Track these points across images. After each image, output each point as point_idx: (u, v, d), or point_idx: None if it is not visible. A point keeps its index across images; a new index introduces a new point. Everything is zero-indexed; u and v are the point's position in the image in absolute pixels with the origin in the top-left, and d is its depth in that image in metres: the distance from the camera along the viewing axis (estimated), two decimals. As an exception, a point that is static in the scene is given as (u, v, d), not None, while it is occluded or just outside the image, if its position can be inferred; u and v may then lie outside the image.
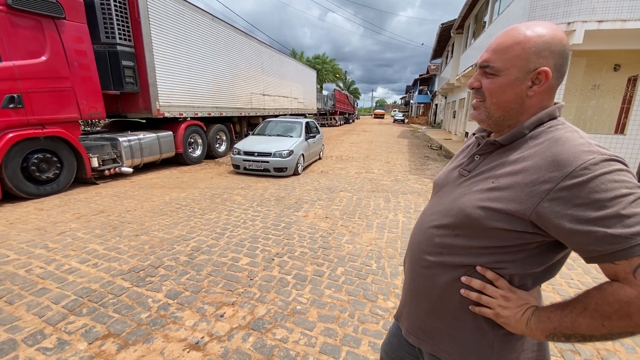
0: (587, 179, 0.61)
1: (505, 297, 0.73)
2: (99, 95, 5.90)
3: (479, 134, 0.90)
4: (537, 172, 0.67)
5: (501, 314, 0.73)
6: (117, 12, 6.18)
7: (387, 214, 4.72)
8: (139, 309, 2.36)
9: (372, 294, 2.66)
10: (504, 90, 0.74)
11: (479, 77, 0.78)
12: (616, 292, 0.60)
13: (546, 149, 0.69)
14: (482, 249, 0.75)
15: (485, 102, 0.78)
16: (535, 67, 0.70)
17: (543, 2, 6.80)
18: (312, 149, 8.43)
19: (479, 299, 0.76)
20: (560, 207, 0.63)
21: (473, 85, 0.80)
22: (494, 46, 0.74)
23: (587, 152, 0.63)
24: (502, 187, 0.71)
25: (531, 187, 0.67)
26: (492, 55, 0.74)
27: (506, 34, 0.74)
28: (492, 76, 0.75)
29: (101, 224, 4.02)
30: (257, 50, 11.63)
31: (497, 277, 0.75)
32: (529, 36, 0.70)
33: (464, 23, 15.90)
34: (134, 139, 6.69)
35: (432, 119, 35.05)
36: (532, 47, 0.70)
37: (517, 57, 0.71)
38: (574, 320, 0.64)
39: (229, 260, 3.16)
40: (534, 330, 0.70)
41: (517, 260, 0.73)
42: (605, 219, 0.59)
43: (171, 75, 7.37)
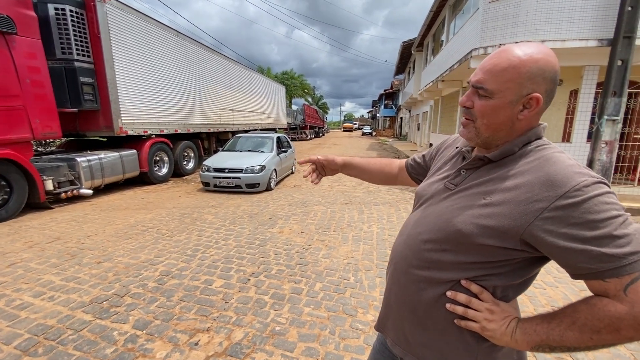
0: (581, 200, 0.63)
1: (490, 310, 0.75)
2: (54, 113, 5.53)
3: (463, 147, 0.90)
4: (531, 191, 0.68)
5: (487, 327, 0.74)
6: (75, 27, 5.92)
7: (361, 225, 4.77)
8: (104, 344, 2.18)
9: (352, 308, 2.65)
10: (497, 112, 0.74)
11: (472, 97, 0.78)
12: (606, 308, 0.63)
13: (538, 168, 0.71)
14: (470, 264, 0.76)
15: (475, 123, 0.78)
16: (527, 92, 0.71)
17: (493, 24, 7.42)
18: (284, 164, 8.40)
19: (465, 313, 0.77)
20: (554, 226, 0.65)
21: (465, 105, 0.79)
22: (489, 67, 0.74)
23: (578, 173, 0.66)
24: (495, 203, 0.72)
25: (525, 205, 0.68)
26: (486, 77, 0.74)
27: (500, 55, 0.73)
28: (486, 98, 0.75)
29: (57, 252, 3.70)
30: (224, 66, 11.56)
31: (482, 290, 0.76)
32: (524, 60, 0.70)
33: (424, 41, 16.90)
34: (94, 159, 6.31)
35: (398, 131, 36.44)
36: (527, 73, 0.70)
37: (512, 81, 0.71)
38: (562, 334, 0.66)
39: (201, 283, 3.02)
40: (519, 342, 0.72)
41: (502, 274, 0.75)
42: (599, 239, 0.62)
43: (134, 92, 7.10)
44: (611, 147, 6.28)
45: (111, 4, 6.35)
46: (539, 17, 6.90)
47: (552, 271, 3.34)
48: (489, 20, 7.49)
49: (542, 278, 3.21)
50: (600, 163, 6.33)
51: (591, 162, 6.37)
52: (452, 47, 10.61)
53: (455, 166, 0.89)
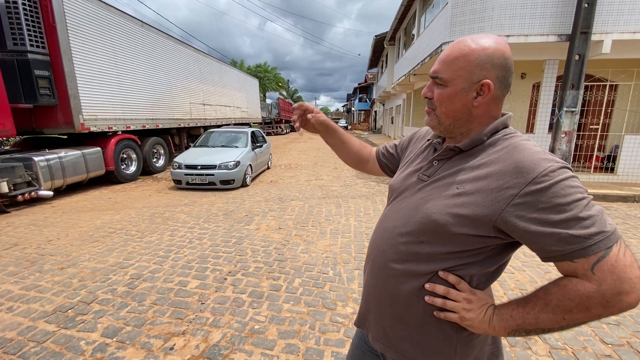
0: (548, 184, 0.65)
1: (468, 299, 0.76)
2: (5, 109, 5.10)
3: (434, 139, 0.92)
4: (502, 178, 0.70)
5: (466, 316, 0.76)
6: (27, 16, 5.45)
7: (339, 219, 4.80)
8: (70, 355, 2.05)
9: (331, 302, 2.66)
10: (452, 100, 0.77)
11: (432, 87, 0.81)
12: (576, 288, 0.65)
13: (507, 156, 0.73)
14: (447, 255, 0.77)
15: (435, 111, 0.82)
16: (478, 79, 0.74)
17: (461, 18, 7.62)
18: (259, 159, 8.26)
19: (444, 305, 0.78)
20: (524, 211, 0.67)
21: (426, 95, 0.82)
22: (443, 57, 0.78)
23: (545, 159, 0.68)
24: (468, 192, 0.73)
25: (497, 192, 0.70)
26: (441, 67, 0.78)
27: (453, 46, 0.77)
28: (441, 86, 0.78)
29: (15, 259, 3.43)
30: (194, 59, 11.13)
31: (459, 280, 0.77)
32: (473, 49, 0.74)
33: (395, 35, 17.11)
34: (53, 158, 5.89)
35: (372, 125, 36.91)
36: (475, 60, 0.73)
37: (462, 69, 0.74)
38: (537, 317, 0.69)
39: (175, 285, 2.92)
40: (496, 329, 0.74)
41: (477, 262, 0.77)
42: (566, 222, 0.64)
43: (96, 86, 6.68)
44: (570, 137, 6.69)
45: (66, -9, 5.89)
46: (504, 12, 7.16)
47: (520, 256, 3.52)
48: (458, 15, 7.68)
49: (510, 263, 3.38)
50: (561, 152, 6.73)
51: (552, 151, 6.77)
52: (423, 41, 10.81)
53: (428, 158, 0.90)
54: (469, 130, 0.81)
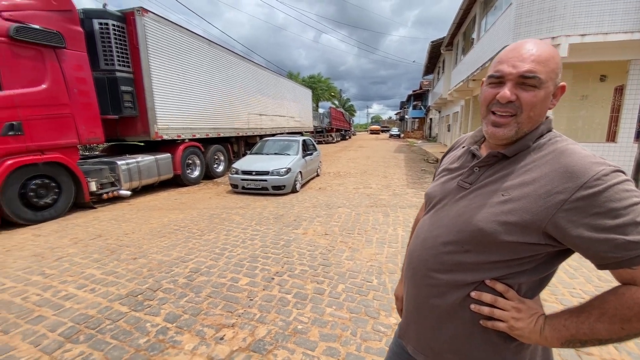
0: (602, 189, 0.63)
1: (517, 308, 0.74)
2: (97, 120, 5.99)
3: (471, 146, 0.90)
4: (550, 183, 0.68)
5: (515, 326, 0.73)
6: (117, 39, 6.38)
7: (386, 228, 4.71)
8: (137, 334, 2.32)
9: (374, 311, 2.63)
10: (543, 103, 0.73)
11: (514, 89, 0.73)
12: (635, 296, 0.62)
13: (555, 161, 0.71)
14: (494, 264, 0.75)
15: (517, 117, 0.74)
16: (559, 81, 0.74)
17: (527, 19, 7.07)
18: (309, 166, 8.49)
19: (491, 314, 0.75)
20: (577, 217, 0.64)
21: (510, 99, 0.73)
22: (534, 57, 0.71)
23: (596, 163, 0.66)
24: (515, 199, 0.71)
25: (545, 198, 0.68)
26: (537, 67, 0.71)
27: (537, 47, 0.72)
28: (534, 88, 0.71)
29: (99, 248, 3.99)
30: (253, 73, 11.91)
31: (507, 288, 0.75)
32: (555, 51, 0.73)
33: (453, 40, 16.42)
34: (132, 162, 6.74)
35: (427, 133, 35.52)
36: (559, 62, 0.73)
37: (553, 71, 0.72)
38: (592, 326, 0.66)
39: (228, 280, 3.13)
40: (549, 339, 0.70)
41: (526, 271, 0.74)
42: (622, 227, 0.61)
43: (169, 99, 7.51)
44: (664, 146, 5.74)
45: (149, 17, 6.78)
46: (578, 9, 6.50)
47: (571, 262, 3.11)
48: (523, 16, 7.15)
49: (563, 269, 3.00)
50: (652, 164, 5.80)
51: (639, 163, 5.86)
52: (484, 44, 10.23)
53: (466, 164, 0.88)
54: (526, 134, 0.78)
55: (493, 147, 0.83)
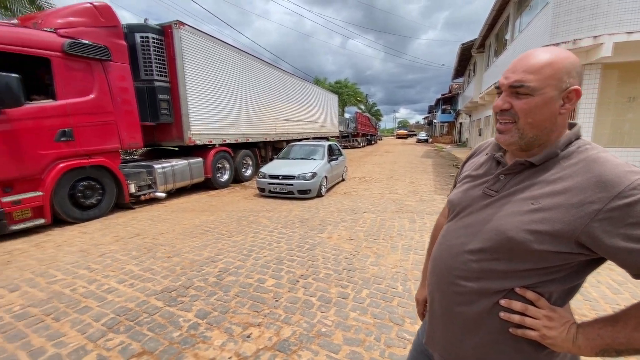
0: (638, 199, 0.63)
1: (549, 317, 0.73)
2: (138, 127, 6.42)
3: (495, 153, 0.89)
4: (583, 193, 0.68)
5: (547, 334, 0.73)
6: (155, 51, 6.82)
7: (412, 235, 4.64)
8: (171, 328, 2.47)
9: (399, 317, 2.61)
10: (540, 109, 0.74)
11: (508, 99, 0.77)
12: None
13: (587, 170, 0.70)
14: (524, 272, 0.74)
15: (517, 123, 0.77)
16: (566, 86, 0.73)
17: (566, 18, 6.74)
18: (334, 171, 8.54)
19: (522, 322, 0.75)
20: (612, 227, 0.64)
21: (503, 107, 0.78)
22: (525, 67, 0.75)
23: (630, 172, 0.66)
24: (545, 208, 0.71)
25: (578, 207, 0.67)
26: (526, 76, 0.74)
27: (533, 56, 0.75)
28: (526, 96, 0.74)
29: (137, 246, 4.26)
30: (281, 79, 12.20)
31: (538, 297, 0.74)
32: (557, 57, 0.73)
33: (485, 42, 15.90)
34: (168, 166, 7.13)
35: (456, 137, 34.43)
36: (563, 68, 0.73)
37: (551, 77, 0.73)
38: (629, 336, 0.65)
39: (255, 281, 3.24)
40: (582, 348, 0.70)
41: (557, 279, 0.74)
42: None
43: (202, 106, 7.88)
44: None
45: (185, 30, 7.19)
46: (624, 5, 6.10)
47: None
48: (562, 14, 6.82)
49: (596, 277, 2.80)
50: None
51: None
52: (518, 45, 9.84)
53: (491, 172, 0.88)
54: (548, 141, 0.78)
55: (518, 154, 0.83)
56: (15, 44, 4.62)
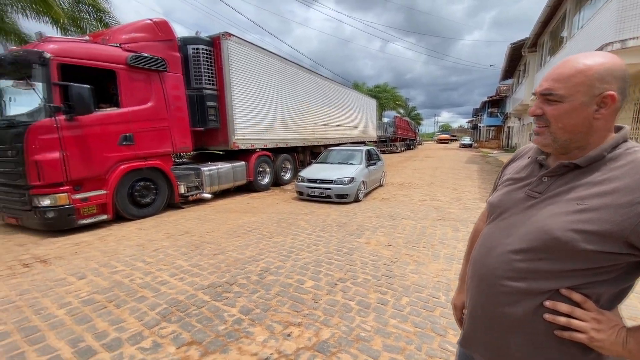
0: None
1: (597, 319, 0.73)
2: (188, 132, 6.90)
3: (537, 156, 0.91)
4: (632, 194, 0.69)
5: (596, 337, 0.72)
6: (205, 62, 7.29)
7: (455, 244, 4.45)
8: (217, 322, 2.61)
9: (441, 328, 2.52)
10: (570, 115, 0.77)
11: (540, 105, 0.83)
12: None
13: (635, 171, 0.71)
14: (570, 272, 0.74)
15: (549, 127, 0.82)
16: (600, 92, 0.74)
17: (634, 12, 6.10)
18: (373, 176, 8.45)
19: (568, 324, 0.74)
20: None
21: (535, 113, 0.84)
22: (554, 76, 0.79)
23: None
24: (592, 208, 0.72)
25: (627, 208, 0.68)
26: (554, 84, 0.79)
27: (565, 64, 0.79)
28: (556, 103, 0.79)
29: (186, 243, 4.56)
30: (320, 85, 12.39)
31: (585, 299, 0.74)
32: (590, 65, 0.75)
33: (538, 41, 14.85)
34: (214, 169, 7.56)
35: (504, 142, 32.34)
36: (595, 74, 0.74)
37: (581, 84, 0.75)
38: None
39: (294, 282, 3.31)
40: (633, 352, 0.69)
41: (606, 281, 0.73)
42: None
43: (245, 112, 8.25)
44: None
45: (232, 40, 7.60)
46: None
47: None
48: (629, 8, 6.19)
49: None
50: None
51: None
52: (577, 43, 9.08)
53: (533, 174, 0.89)
54: (587, 144, 0.80)
55: (560, 157, 0.85)
56: (88, 58, 5.23)
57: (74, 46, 5.22)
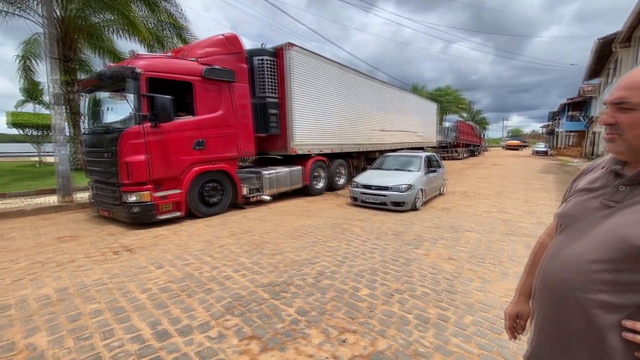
0: None
1: None
2: (252, 138, 7.37)
3: (612, 166, 0.89)
4: None
5: None
6: (269, 71, 7.73)
7: (526, 262, 4.02)
8: (275, 320, 2.72)
9: (511, 354, 2.30)
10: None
11: (613, 114, 0.83)
12: None
13: None
14: None
15: (622, 136, 0.81)
16: None
17: None
18: (432, 184, 8.07)
19: None
20: None
21: (608, 122, 0.84)
22: (626, 84, 0.80)
23: None
24: None
25: None
26: (627, 92, 0.79)
27: (637, 72, 0.80)
28: (630, 111, 0.79)
29: (248, 241, 4.85)
30: (376, 90, 12.25)
31: None
32: None
33: (633, 34, 12.82)
34: (273, 173, 7.94)
35: (588, 149, 28.35)
36: None
37: None
38: None
39: (349, 288, 3.31)
40: None
41: None
42: None
43: (304, 119, 8.51)
44: None
45: (294, 50, 7.95)
46: None
47: None
48: None
49: None
50: None
51: None
52: (690, 33, 7.64)
53: (609, 184, 0.87)
54: None
55: (638, 166, 0.83)
56: (170, 72, 5.91)
57: (159, 62, 5.95)
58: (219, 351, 2.32)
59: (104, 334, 2.54)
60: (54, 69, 7.10)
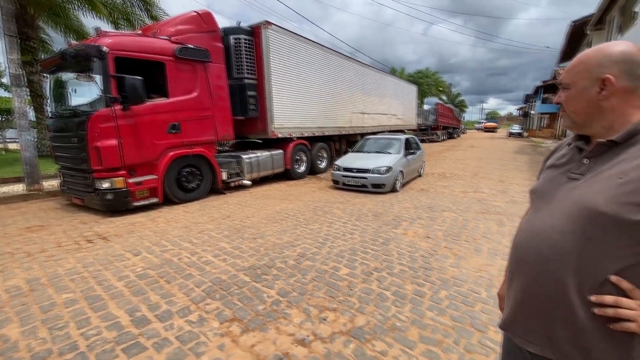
0: None
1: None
2: (230, 121, 7.17)
3: (575, 142, 0.96)
4: None
5: None
6: (246, 51, 7.45)
7: (500, 239, 4.22)
8: (257, 302, 2.74)
9: (482, 324, 2.43)
10: (575, 99, 0.89)
11: (560, 94, 0.95)
12: None
13: None
14: (617, 250, 0.75)
15: (566, 112, 0.93)
16: (598, 76, 0.83)
17: None
18: (411, 166, 8.21)
19: (616, 314, 0.74)
20: None
21: (556, 101, 0.96)
22: (567, 68, 0.93)
23: None
24: (635, 180, 0.74)
25: None
26: (564, 75, 0.92)
27: (575, 57, 0.92)
28: (566, 90, 0.92)
29: (228, 226, 4.80)
30: (358, 72, 12.12)
31: (633, 287, 0.74)
32: (590, 54, 0.87)
33: (604, 17, 13.21)
34: (254, 157, 7.81)
35: (560, 131, 29.61)
36: (593, 61, 0.85)
37: (582, 72, 0.87)
38: None
39: (330, 268, 3.36)
40: None
41: None
42: None
43: (284, 101, 8.34)
44: None
45: (271, 29, 7.68)
46: None
47: None
48: None
49: None
50: None
51: None
52: (655, 17, 7.95)
53: (574, 159, 0.94)
54: (612, 122, 0.85)
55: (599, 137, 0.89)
56: (140, 50, 5.59)
57: (127, 40, 5.60)
58: (200, 334, 2.32)
59: (80, 322, 2.48)
60: (12, 47, 6.56)
